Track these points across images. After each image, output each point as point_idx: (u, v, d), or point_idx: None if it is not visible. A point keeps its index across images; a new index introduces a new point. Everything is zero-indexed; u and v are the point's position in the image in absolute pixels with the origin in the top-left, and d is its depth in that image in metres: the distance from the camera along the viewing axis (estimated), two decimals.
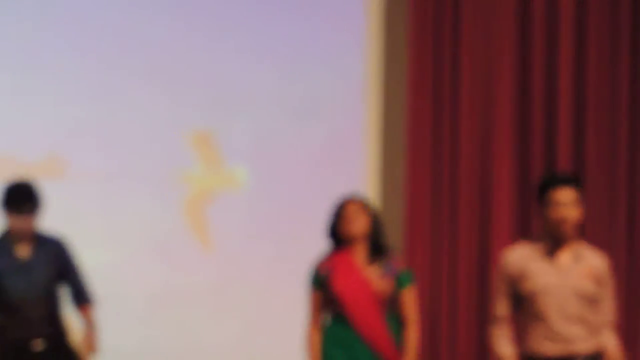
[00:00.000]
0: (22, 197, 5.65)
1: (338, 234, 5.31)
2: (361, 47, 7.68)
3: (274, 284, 7.30)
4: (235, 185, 7.51)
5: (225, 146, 7.35)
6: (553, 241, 4.95)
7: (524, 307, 5.01)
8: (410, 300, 5.36)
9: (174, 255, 6.91)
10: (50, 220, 6.00)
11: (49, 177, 6.93)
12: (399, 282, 5.27)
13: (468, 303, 7.32)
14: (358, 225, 5.27)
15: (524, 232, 7.24)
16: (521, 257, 5.00)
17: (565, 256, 4.98)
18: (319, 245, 5.85)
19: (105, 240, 7.04)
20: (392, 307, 5.30)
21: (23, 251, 5.57)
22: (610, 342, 5.02)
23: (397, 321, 5.27)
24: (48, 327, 5.74)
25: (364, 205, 5.39)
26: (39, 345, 5.77)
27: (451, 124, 7.56)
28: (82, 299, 5.95)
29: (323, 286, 5.26)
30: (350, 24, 7.76)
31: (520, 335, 5.10)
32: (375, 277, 5.27)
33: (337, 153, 7.53)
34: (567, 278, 4.98)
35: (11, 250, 5.65)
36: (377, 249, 5.31)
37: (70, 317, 6.18)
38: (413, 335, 5.36)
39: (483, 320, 7.04)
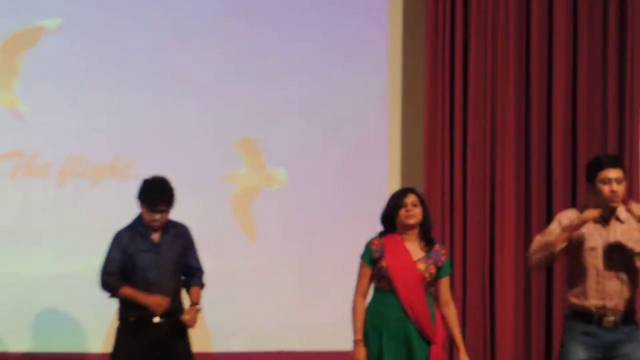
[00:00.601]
0: (158, 197, 6.20)
1: (394, 220, 5.72)
2: (383, 66, 8.53)
3: (308, 268, 8.04)
4: (276, 184, 8.34)
5: (266, 151, 8.13)
6: (602, 211, 5.55)
7: (574, 265, 5.76)
8: (447, 285, 5.87)
9: (224, 245, 7.67)
10: (117, 213, 6.76)
11: (117, 176, 7.90)
12: (441, 269, 5.73)
13: (477, 287, 8.08)
14: (417, 215, 5.70)
15: (526, 221, 8.21)
16: (574, 215, 5.65)
17: (613, 224, 5.65)
18: (346, 234, 7.28)
19: None
20: (430, 288, 5.80)
21: (155, 234, 6.21)
22: None
23: (432, 301, 5.75)
24: (172, 303, 6.31)
25: (420, 198, 5.83)
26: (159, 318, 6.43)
27: (462, 130, 8.29)
28: (194, 282, 6.53)
29: (374, 263, 5.64)
30: (372, 45, 8.60)
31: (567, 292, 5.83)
32: (422, 262, 5.73)
33: (362, 156, 8.32)
34: (615, 237, 5.66)
35: (144, 233, 6.24)
36: (426, 238, 5.77)
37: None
38: (455, 313, 5.90)
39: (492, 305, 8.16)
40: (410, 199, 5.74)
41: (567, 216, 5.61)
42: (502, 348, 8.44)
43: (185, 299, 6.64)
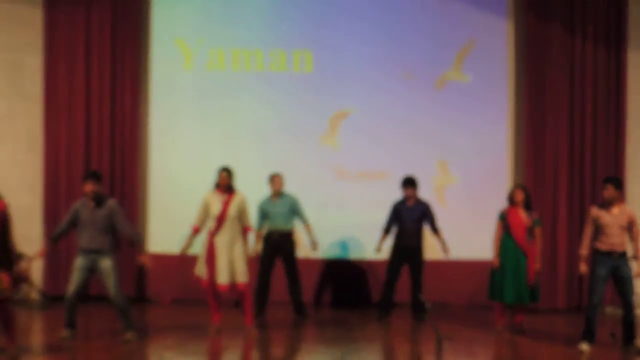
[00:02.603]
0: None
1: (512, 199, 10.25)
2: (504, 90, 12.72)
3: (466, 228, 12.43)
4: (455, 182, 12.85)
5: (450, 165, 12.83)
6: (608, 204, 9.25)
7: (598, 231, 9.36)
8: (539, 232, 10.21)
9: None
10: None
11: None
12: (535, 223, 10.21)
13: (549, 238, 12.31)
14: (521, 198, 10.21)
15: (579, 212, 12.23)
16: (597, 209, 9.40)
17: (614, 210, 9.31)
18: (491, 208, 11.33)
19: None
20: (530, 232, 10.20)
21: None
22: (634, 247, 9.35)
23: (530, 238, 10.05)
24: (418, 235, 11.06)
25: (524, 189, 10.35)
26: (414, 243, 11.01)
27: (554, 140, 12.31)
28: (436, 229, 11.10)
29: (504, 219, 10.26)
30: (495, 66, 12.71)
31: (594, 242, 9.39)
32: (526, 218, 10.18)
33: (488, 161, 12.67)
34: (616, 219, 9.33)
35: None
36: (528, 208, 10.24)
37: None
38: (540, 246, 10.25)
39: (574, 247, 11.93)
40: (517, 189, 10.32)
41: (592, 211, 9.47)
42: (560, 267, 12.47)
43: None
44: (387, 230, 11.43)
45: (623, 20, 12.35)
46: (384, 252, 11.61)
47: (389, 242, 11.62)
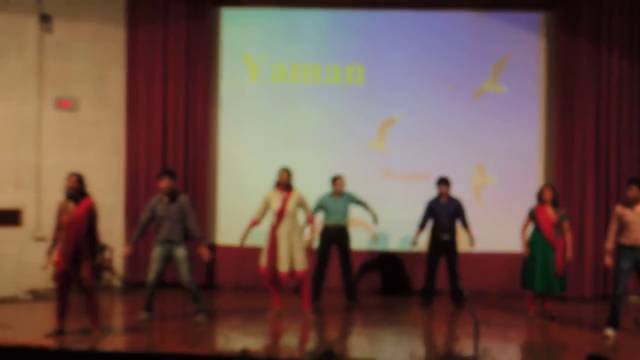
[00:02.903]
0: None
1: (541, 199, 10.22)
2: (536, 99, 12.79)
3: (501, 224, 12.43)
4: (491, 182, 12.92)
5: (487, 167, 12.90)
6: (632, 202, 9.16)
7: (622, 227, 9.28)
8: (567, 225, 10.13)
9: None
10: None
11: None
12: (562, 218, 10.10)
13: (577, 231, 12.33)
14: (549, 197, 10.16)
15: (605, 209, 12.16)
16: (621, 207, 9.34)
17: (637, 208, 9.21)
18: (524, 205, 11.02)
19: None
20: (557, 228, 10.10)
21: None
22: None
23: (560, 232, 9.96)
24: (452, 230, 11.06)
25: (552, 188, 10.29)
26: (448, 237, 11.09)
27: (582, 144, 12.31)
28: (466, 224, 11.19)
29: (533, 216, 10.26)
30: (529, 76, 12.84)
31: (619, 237, 9.34)
32: (553, 214, 10.10)
33: (521, 163, 12.78)
34: (638, 216, 9.23)
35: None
36: (555, 205, 10.17)
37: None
38: (571, 238, 10.16)
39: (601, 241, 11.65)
40: (546, 188, 10.27)
41: (617, 209, 9.39)
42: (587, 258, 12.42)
43: None
44: (422, 226, 11.51)
45: None
46: (424, 245, 11.79)
47: (424, 236, 11.76)
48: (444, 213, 11.40)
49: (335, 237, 11.23)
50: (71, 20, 12.45)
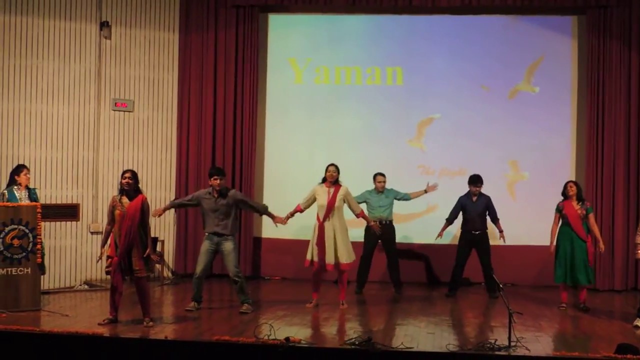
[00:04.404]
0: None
1: (566, 195, 10.06)
2: (568, 99, 12.58)
3: (533, 218, 12.16)
4: (524, 178, 12.80)
5: (520, 164, 12.76)
6: None
7: None
8: (592, 218, 10.04)
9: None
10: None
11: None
12: (587, 211, 9.99)
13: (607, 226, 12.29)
14: (573, 192, 10.01)
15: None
16: None
17: None
18: (556, 201, 10.46)
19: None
20: (584, 220, 9.94)
21: None
22: None
23: (585, 225, 9.81)
24: (483, 224, 11.03)
25: (576, 184, 10.17)
26: (479, 230, 11.02)
27: (612, 142, 12.07)
28: (495, 219, 11.08)
29: (560, 211, 10.06)
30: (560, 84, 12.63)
31: None
32: (579, 209, 9.97)
33: (553, 160, 12.57)
34: None
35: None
36: (580, 200, 10.00)
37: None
38: (597, 229, 10.15)
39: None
40: (571, 185, 10.14)
41: None
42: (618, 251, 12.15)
43: None
44: (449, 220, 11.39)
45: None
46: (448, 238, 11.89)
47: (450, 229, 11.76)
48: (475, 209, 11.28)
49: (381, 232, 11.02)
50: (128, 27, 12.57)
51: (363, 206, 11.15)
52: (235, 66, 12.87)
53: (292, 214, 10.23)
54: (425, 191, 11.49)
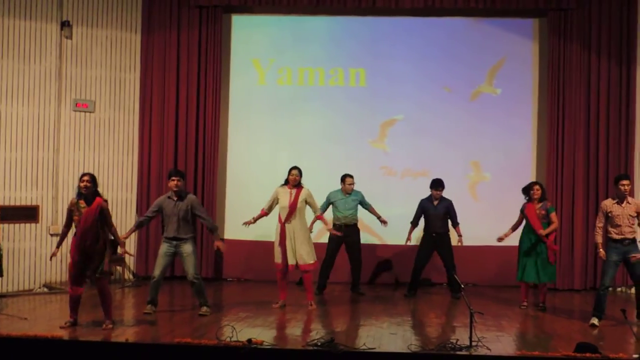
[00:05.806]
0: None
1: (528, 194, 10.18)
2: (529, 100, 12.63)
3: (495, 218, 11.83)
4: (486, 179, 12.82)
5: (482, 165, 12.75)
6: (620, 198, 9.08)
7: (610, 221, 9.13)
8: (553, 217, 10.13)
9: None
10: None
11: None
12: (548, 211, 10.12)
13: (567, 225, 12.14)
14: (538, 195, 10.12)
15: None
16: (609, 203, 9.20)
17: (624, 203, 9.09)
18: (517, 201, 10.62)
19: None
20: (546, 219, 10.09)
21: None
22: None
23: (547, 225, 9.99)
24: (444, 227, 11.07)
25: (541, 186, 10.30)
26: (441, 232, 11.04)
27: (572, 143, 12.07)
28: (455, 224, 11.03)
29: (522, 212, 10.24)
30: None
31: (606, 232, 9.19)
32: (539, 209, 10.13)
33: (514, 161, 12.60)
34: (624, 210, 9.14)
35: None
36: (543, 200, 10.15)
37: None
38: (553, 228, 10.12)
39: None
40: (535, 186, 10.25)
41: (605, 205, 9.20)
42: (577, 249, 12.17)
43: None
44: (413, 223, 11.39)
45: (632, 40, 12.22)
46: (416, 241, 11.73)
47: (415, 231, 11.64)
48: (436, 213, 11.27)
49: (345, 233, 11.12)
50: (90, 26, 12.42)
51: (330, 207, 11.29)
52: (198, 67, 12.76)
53: (256, 219, 10.27)
54: (380, 220, 11.47)
